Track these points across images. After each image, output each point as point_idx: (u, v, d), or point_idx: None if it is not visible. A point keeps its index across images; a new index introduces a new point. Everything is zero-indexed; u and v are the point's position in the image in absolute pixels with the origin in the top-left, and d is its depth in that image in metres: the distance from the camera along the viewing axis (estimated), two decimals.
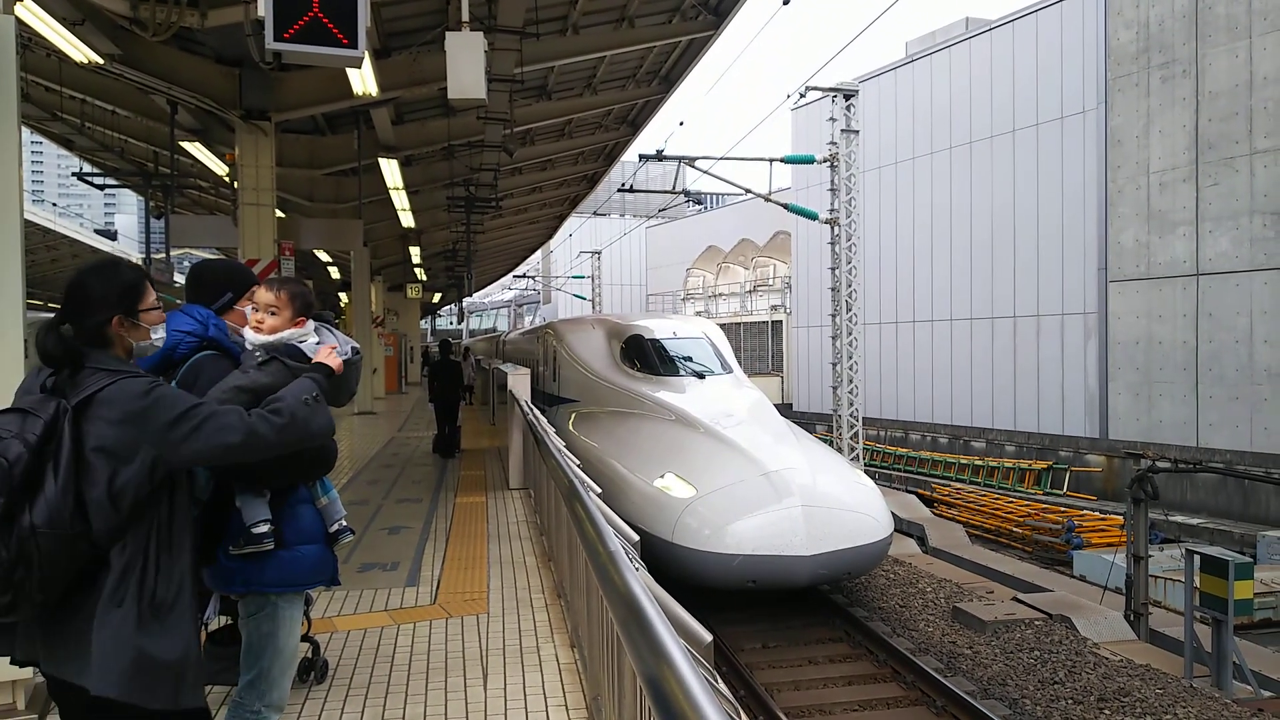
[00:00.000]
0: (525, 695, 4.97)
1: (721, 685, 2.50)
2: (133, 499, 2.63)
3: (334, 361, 3.37)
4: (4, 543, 2.41)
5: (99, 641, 2.56)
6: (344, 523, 3.78)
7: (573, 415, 15.74)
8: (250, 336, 3.53)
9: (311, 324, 3.62)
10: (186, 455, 2.75)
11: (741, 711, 2.25)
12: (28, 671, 4.51)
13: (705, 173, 23.93)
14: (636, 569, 3.22)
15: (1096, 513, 23.17)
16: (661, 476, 11.41)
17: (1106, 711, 9.73)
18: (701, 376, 14.71)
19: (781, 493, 10.77)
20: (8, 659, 2.72)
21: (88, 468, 2.57)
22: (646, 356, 15.17)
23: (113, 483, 2.59)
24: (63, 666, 2.60)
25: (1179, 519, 22.33)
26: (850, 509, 11.10)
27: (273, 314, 3.54)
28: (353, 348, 3.54)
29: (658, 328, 16.06)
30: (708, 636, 2.72)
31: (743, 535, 10.33)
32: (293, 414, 2.96)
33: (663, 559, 10.28)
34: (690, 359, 15.27)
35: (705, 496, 10.83)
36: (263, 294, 3.58)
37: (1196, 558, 12.33)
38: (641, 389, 14.43)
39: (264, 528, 3.42)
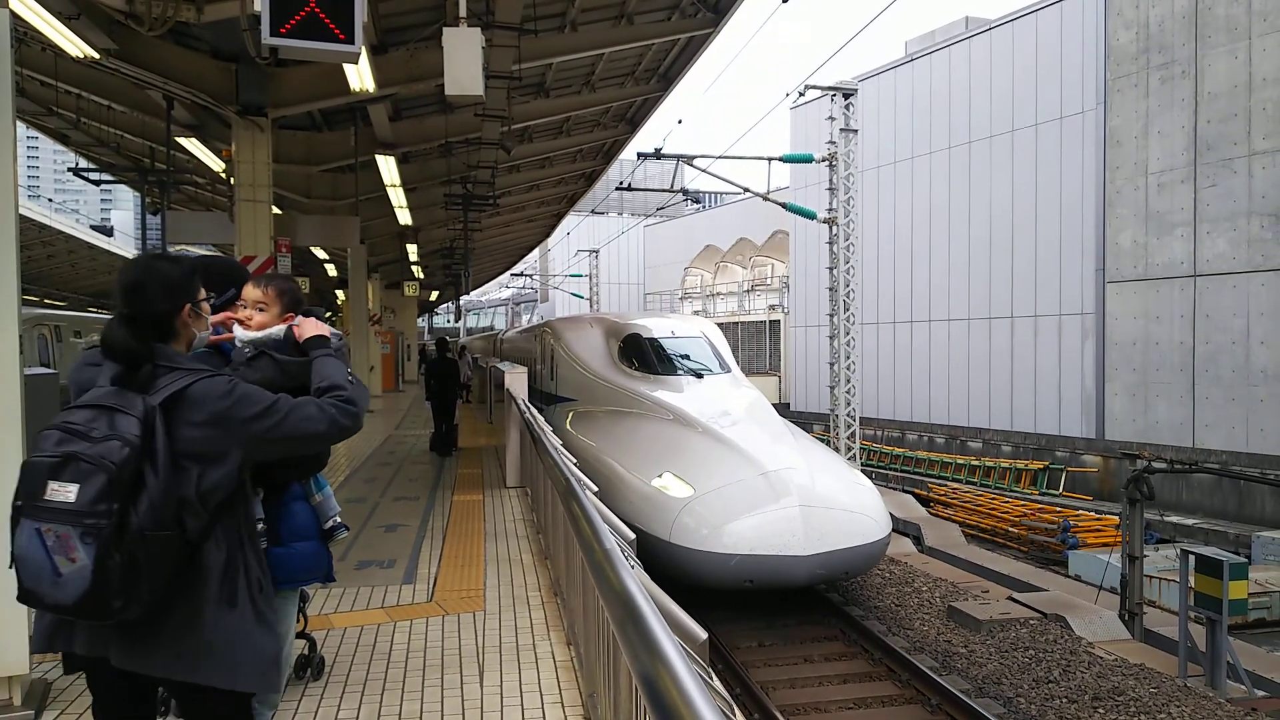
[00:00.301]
0: (521, 692, 4.96)
1: (716, 682, 2.49)
2: (221, 497, 2.64)
3: (323, 329, 3.34)
4: (117, 548, 2.37)
5: (221, 641, 2.60)
6: (338, 519, 3.78)
7: (570, 414, 15.73)
8: (239, 333, 3.52)
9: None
10: (273, 450, 2.80)
11: (736, 708, 2.25)
12: (23, 667, 4.51)
13: (704, 171, 23.93)
14: (632, 567, 3.22)
15: (1092, 513, 23.20)
16: (659, 476, 11.46)
17: (1101, 710, 9.74)
18: (700, 376, 14.73)
19: (779, 492, 10.85)
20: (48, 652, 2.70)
21: (179, 468, 2.55)
22: (645, 355, 15.19)
23: (201, 482, 2.58)
24: (154, 663, 2.58)
25: (1174, 519, 22.36)
26: (848, 509, 11.17)
27: (261, 310, 3.52)
28: (335, 334, 3.52)
29: (656, 327, 16.08)
30: (703, 634, 2.72)
31: (740, 535, 10.38)
32: (353, 396, 2.96)
33: (660, 558, 10.28)
34: (688, 358, 15.29)
35: (703, 496, 10.88)
36: (250, 290, 3.56)
37: (1191, 558, 12.35)
38: (639, 388, 14.47)
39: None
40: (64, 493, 2.35)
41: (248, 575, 2.70)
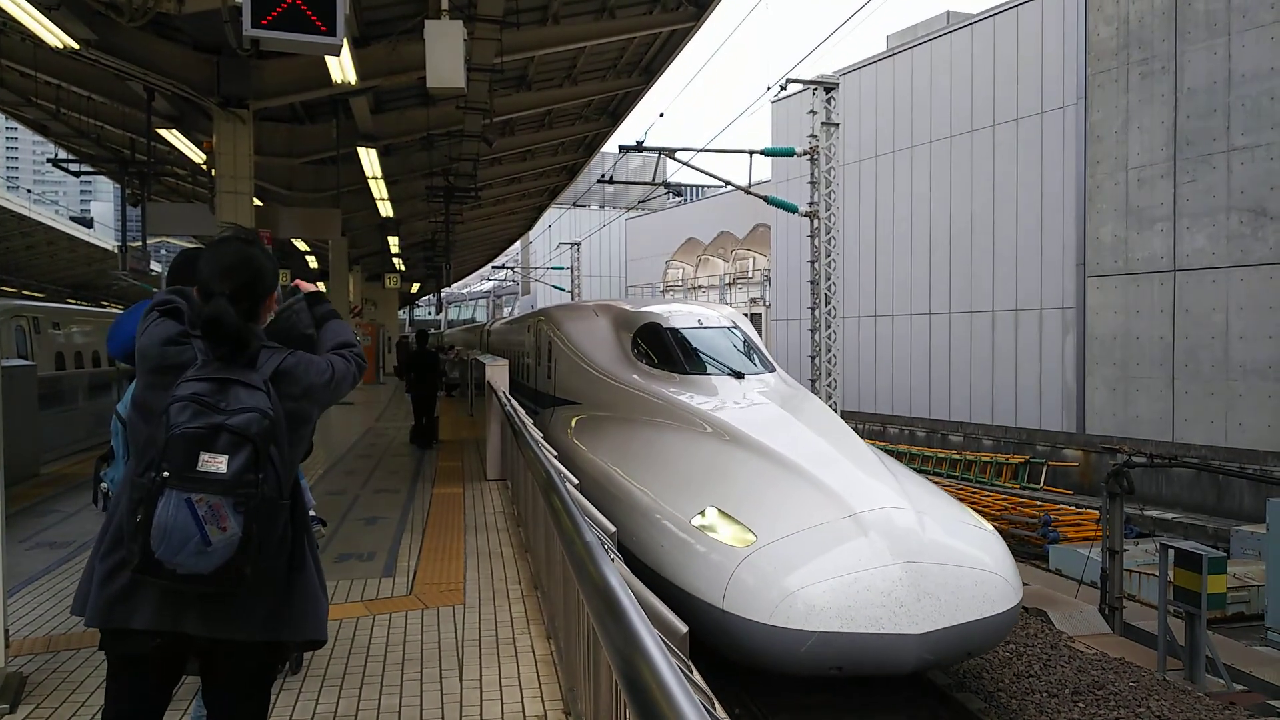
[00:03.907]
0: (501, 686, 4.96)
1: (697, 676, 2.49)
2: (296, 466, 2.83)
3: (311, 286, 3.41)
4: (254, 519, 2.50)
5: (300, 599, 2.78)
6: (313, 512, 3.76)
7: (573, 421, 13.03)
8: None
9: None
10: (333, 397, 2.96)
11: (716, 702, 2.25)
12: None
13: (685, 164, 23.91)
14: (612, 560, 3.21)
15: (1073, 507, 23.31)
16: (701, 514, 8.40)
17: (1081, 704, 9.79)
18: (739, 376, 11.83)
19: (878, 543, 7.72)
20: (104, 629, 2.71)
21: (291, 440, 2.74)
22: (666, 350, 12.46)
23: (294, 451, 2.78)
24: (243, 628, 2.68)
25: (1154, 513, 22.49)
26: (972, 565, 7.99)
27: None
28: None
29: (676, 314, 13.30)
30: (683, 627, 2.72)
31: (824, 604, 7.36)
32: (359, 353, 3.12)
33: (706, 629, 7.51)
34: (720, 353, 12.50)
35: (769, 546, 7.73)
36: None
37: (1171, 552, 12.42)
38: (663, 390, 11.61)
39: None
40: (216, 463, 2.48)
41: (309, 537, 2.88)
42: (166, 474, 2.45)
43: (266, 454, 2.54)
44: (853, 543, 7.71)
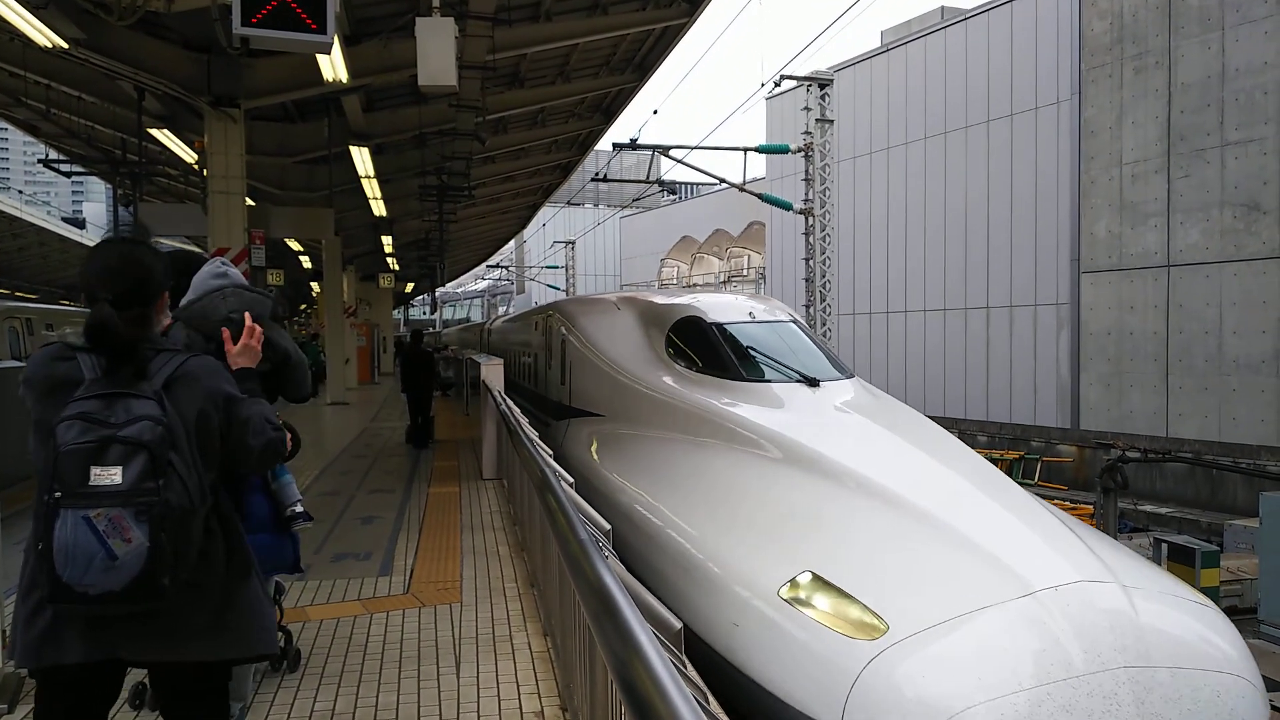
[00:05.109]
0: (498, 683, 4.96)
1: (692, 671, 2.49)
2: (215, 471, 2.72)
3: (247, 356, 3.29)
4: (161, 527, 2.41)
5: (240, 613, 2.68)
6: (300, 508, 3.73)
7: (596, 438, 10.33)
8: None
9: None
10: (241, 431, 2.78)
11: (710, 697, 2.24)
12: None
13: (680, 162, 23.92)
14: (606, 557, 3.21)
15: (1067, 502, 23.30)
16: (792, 583, 5.50)
17: None
18: (813, 383, 8.66)
19: (1080, 638, 4.77)
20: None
21: (192, 444, 2.61)
22: (712, 350, 9.45)
23: (205, 456, 2.65)
24: (181, 648, 2.60)
25: (1148, 508, 22.53)
26: (1213, 667, 5.06)
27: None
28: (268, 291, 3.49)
29: (719, 306, 10.27)
30: (678, 623, 2.70)
31: None
32: (282, 440, 2.95)
33: None
34: (781, 354, 9.37)
35: (911, 641, 4.85)
36: None
37: (1164, 546, 12.46)
38: (712, 402, 8.61)
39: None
40: (109, 475, 2.39)
41: (245, 551, 2.77)
42: (59, 494, 2.38)
43: (165, 461, 2.45)
44: (1041, 637, 4.83)
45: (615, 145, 25.13)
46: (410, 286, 56.52)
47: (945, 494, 6.33)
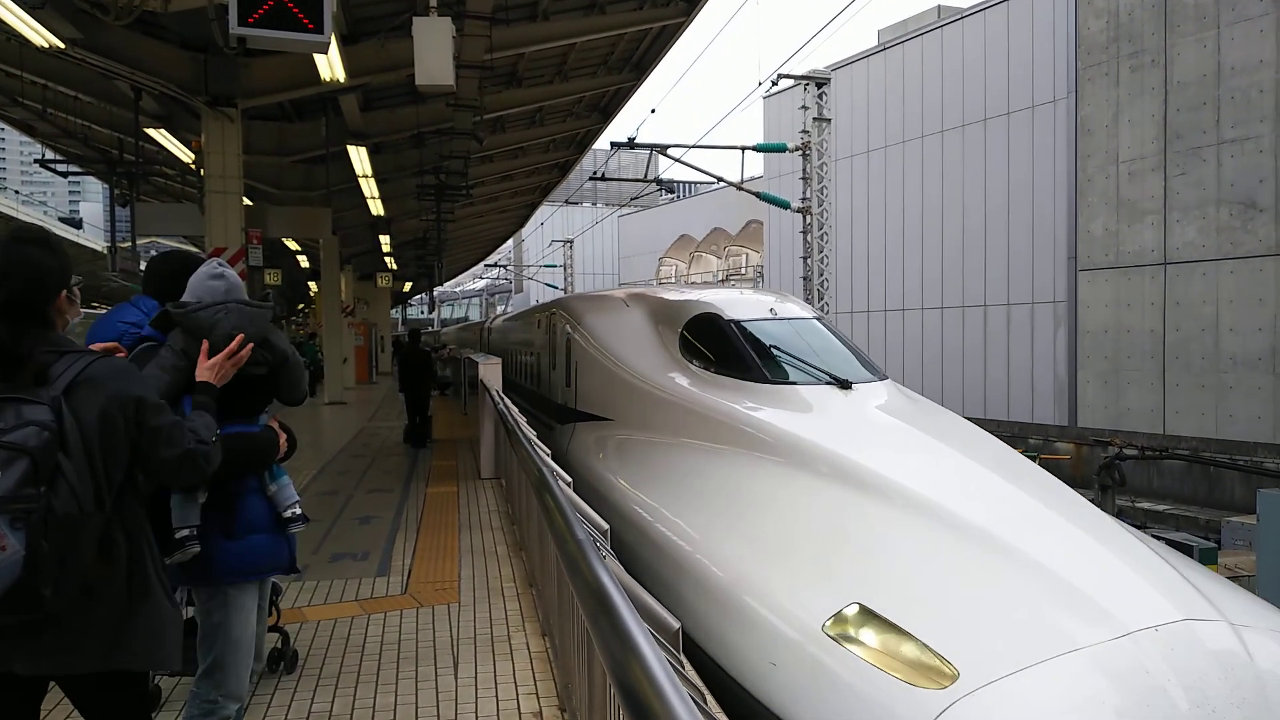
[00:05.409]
0: (496, 684, 4.96)
1: (689, 671, 2.49)
2: (120, 478, 2.62)
3: (214, 373, 3.30)
4: (43, 535, 2.33)
5: (145, 624, 2.60)
6: (297, 509, 3.72)
7: (605, 445, 9.57)
8: None
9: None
10: (152, 439, 2.71)
11: (709, 696, 2.24)
12: None
13: (678, 161, 23.92)
14: (604, 557, 3.21)
15: None
16: (839, 617, 4.81)
17: None
18: (845, 385, 7.88)
19: (1186, 689, 4.03)
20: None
21: (89, 450, 2.52)
22: (733, 349, 8.67)
23: (108, 462, 2.57)
24: (81, 659, 2.54)
25: (1145, 505, 22.54)
26: None
27: None
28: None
29: (737, 303, 9.48)
30: (675, 623, 2.70)
31: None
32: (211, 455, 2.91)
33: None
34: (807, 355, 8.57)
35: (987, 692, 4.06)
36: None
37: (1162, 543, 12.44)
38: (734, 406, 7.85)
39: (184, 532, 3.32)
40: None
41: (153, 555, 2.70)
42: None
43: (51, 466, 2.37)
44: (1142, 688, 4.04)
45: (613, 144, 25.14)
46: (408, 286, 56.51)
47: (1010, 512, 5.56)
